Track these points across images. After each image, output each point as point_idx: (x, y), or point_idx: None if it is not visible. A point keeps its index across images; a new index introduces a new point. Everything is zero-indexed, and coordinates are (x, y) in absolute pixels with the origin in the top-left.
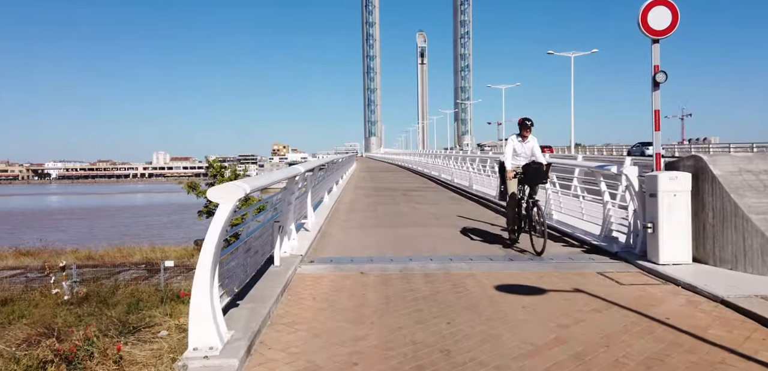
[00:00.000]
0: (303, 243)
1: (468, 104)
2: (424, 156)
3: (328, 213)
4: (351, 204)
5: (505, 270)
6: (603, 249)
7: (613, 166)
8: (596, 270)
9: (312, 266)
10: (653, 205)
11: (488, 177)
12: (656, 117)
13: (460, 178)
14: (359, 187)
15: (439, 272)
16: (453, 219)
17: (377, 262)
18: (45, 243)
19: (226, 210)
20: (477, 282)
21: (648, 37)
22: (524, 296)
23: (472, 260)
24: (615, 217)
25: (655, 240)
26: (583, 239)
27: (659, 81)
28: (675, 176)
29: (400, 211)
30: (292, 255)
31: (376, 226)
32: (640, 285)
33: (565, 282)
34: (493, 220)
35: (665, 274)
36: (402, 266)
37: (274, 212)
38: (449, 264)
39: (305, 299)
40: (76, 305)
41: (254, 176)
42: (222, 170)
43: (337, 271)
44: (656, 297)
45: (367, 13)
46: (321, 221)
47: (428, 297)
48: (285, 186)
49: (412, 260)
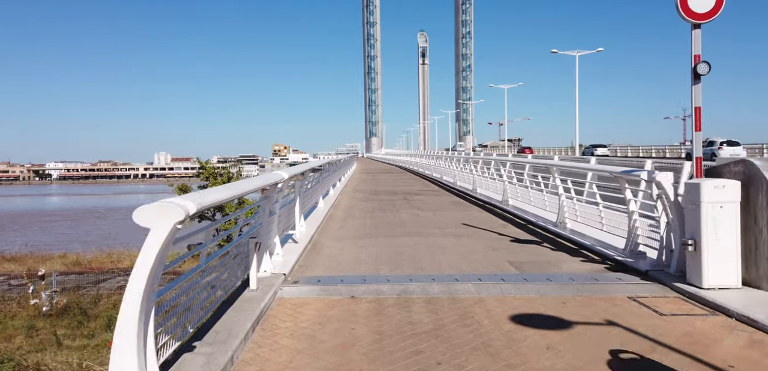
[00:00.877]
0: (288, 259)
1: (469, 104)
2: (425, 157)
3: (322, 220)
4: (348, 210)
5: (520, 294)
6: (630, 267)
7: (643, 171)
8: (627, 294)
9: (295, 288)
10: (695, 218)
11: (493, 181)
12: (697, 115)
13: (463, 181)
14: (358, 190)
15: (443, 297)
16: (457, 228)
17: (371, 282)
18: (31, 248)
19: (159, 239)
20: (488, 310)
21: (688, 21)
22: (546, 331)
23: (480, 280)
24: (642, 229)
25: (697, 259)
26: (604, 253)
27: (701, 73)
28: (721, 185)
29: (400, 218)
30: (274, 274)
31: (373, 236)
32: (685, 317)
33: (592, 310)
34: (501, 228)
35: (712, 301)
36: (400, 289)
37: (248, 227)
38: (455, 286)
39: (281, 335)
40: (55, 316)
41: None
42: (215, 173)
43: (324, 295)
44: (709, 335)
45: (368, 12)
46: (312, 231)
47: (430, 332)
48: (265, 195)
49: (412, 280)
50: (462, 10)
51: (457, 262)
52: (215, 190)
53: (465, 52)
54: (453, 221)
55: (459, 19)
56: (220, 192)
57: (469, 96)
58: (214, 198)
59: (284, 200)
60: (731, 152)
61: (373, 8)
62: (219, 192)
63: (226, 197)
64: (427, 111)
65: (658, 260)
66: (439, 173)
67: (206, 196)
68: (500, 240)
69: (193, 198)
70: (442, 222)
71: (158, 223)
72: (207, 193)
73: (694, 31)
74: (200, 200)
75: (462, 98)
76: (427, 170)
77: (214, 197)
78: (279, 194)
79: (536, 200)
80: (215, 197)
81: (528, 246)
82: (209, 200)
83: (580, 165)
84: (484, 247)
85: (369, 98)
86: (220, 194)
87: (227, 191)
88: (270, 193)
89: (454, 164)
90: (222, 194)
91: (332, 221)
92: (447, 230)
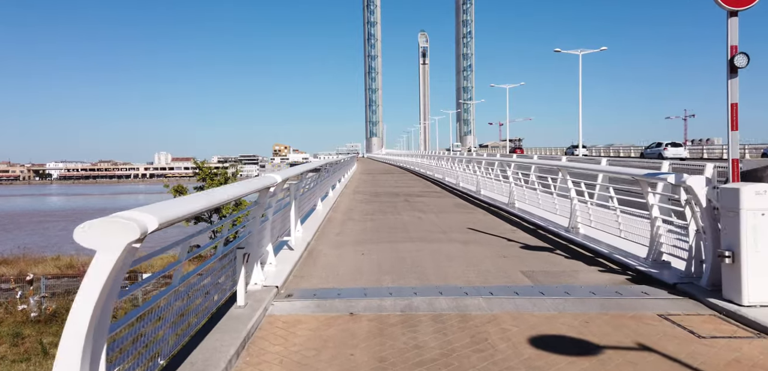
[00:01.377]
0: (282, 268)
1: (470, 104)
2: (426, 157)
3: (321, 224)
4: (347, 212)
5: (537, 310)
6: (654, 278)
7: (670, 174)
8: (657, 311)
9: (288, 303)
10: (732, 226)
11: (498, 182)
12: (733, 113)
13: (466, 182)
14: (358, 191)
15: (451, 314)
16: (462, 232)
17: (372, 296)
18: (25, 250)
19: (107, 263)
20: (503, 330)
21: (724, 8)
22: (571, 357)
23: (492, 294)
24: (666, 236)
25: (735, 273)
26: (624, 262)
27: (739, 65)
28: (763, 190)
29: (402, 221)
30: (265, 287)
31: (374, 241)
32: (728, 340)
33: (621, 331)
34: (509, 233)
35: (755, 321)
36: (404, 304)
37: (235, 237)
38: (464, 301)
39: (270, 363)
40: (43, 323)
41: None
42: (211, 173)
43: (320, 312)
44: (760, 364)
45: (369, 12)
46: (310, 236)
47: (439, 359)
48: (256, 201)
49: (417, 293)
50: (463, 10)
51: (464, 272)
52: (183, 201)
53: (466, 52)
54: (457, 224)
55: (460, 18)
56: (189, 203)
57: (469, 96)
58: (179, 211)
59: (278, 204)
60: (674, 152)
61: (373, 8)
62: (187, 203)
63: (198, 208)
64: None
65: (686, 271)
66: (441, 173)
67: (170, 209)
68: (509, 247)
69: (154, 211)
70: (447, 226)
71: (107, 243)
72: (172, 205)
73: (730, 19)
74: (164, 213)
75: (463, 97)
76: (429, 171)
77: (180, 210)
78: (273, 198)
79: (545, 204)
80: (182, 209)
81: (540, 254)
82: (173, 213)
83: (591, 167)
84: (493, 254)
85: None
86: (189, 205)
87: (199, 200)
88: (261, 199)
89: (456, 164)
90: (191, 205)
91: (331, 225)
92: (452, 235)
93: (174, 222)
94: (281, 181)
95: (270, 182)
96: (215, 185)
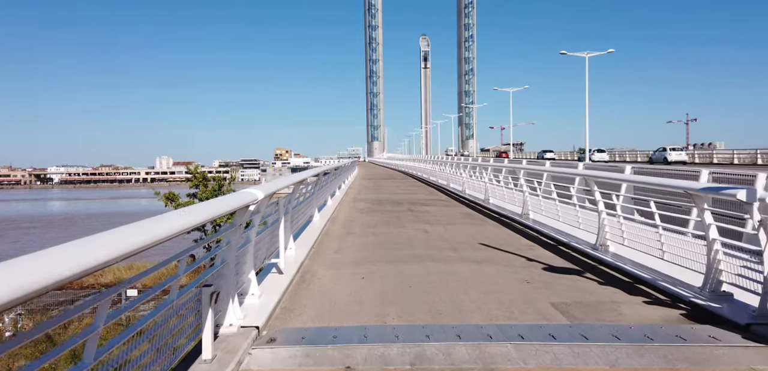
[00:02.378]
0: (267, 300)
1: (472, 107)
2: (429, 163)
3: (317, 238)
4: (347, 224)
5: (583, 364)
6: (715, 314)
7: (740, 188)
8: (737, 367)
9: (270, 351)
10: None
11: (509, 190)
12: None
13: (473, 189)
14: (359, 199)
15: (475, 369)
16: (474, 249)
17: (375, 341)
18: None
19: None
20: None
21: None
22: None
23: (523, 337)
24: (726, 262)
25: None
26: (673, 292)
27: None
28: None
29: (407, 236)
30: (243, 328)
31: (376, 260)
32: None
33: None
34: (527, 250)
35: None
36: (414, 354)
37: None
38: (489, 349)
39: None
40: None
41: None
42: (205, 179)
43: (310, 364)
44: None
45: (370, 16)
46: (304, 253)
47: None
48: (231, 223)
49: (430, 337)
50: (464, 13)
51: (484, 302)
52: (91, 242)
53: (468, 56)
54: (468, 239)
55: (461, 22)
56: (95, 248)
57: (471, 100)
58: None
59: (266, 221)
60: (599, 157)
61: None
62: (93, 246)
63: (107, 256)
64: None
65: (760, 308)
66: (445, 179)
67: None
68: (531, 268)
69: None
70: (456, 241)
71: None
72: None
73: None
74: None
75: (465, 101)
76: (432, 176)
77: (90, 260)
78: (256, 216)
79: (566, 216)
80: (91, 258)
81: (568, 278)
82: (45, 278)
83: (617, 176)
84: (514, 278)
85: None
86: (97, 252)
87: (138, 236)
88: (238, 219)
89: (461, 170)
90: (101, 252)
91: (328, 239)
92: (463, 252)
93: (40, 291)
94: (263, 197)
95: (249, 200)
96: (209, 192)
